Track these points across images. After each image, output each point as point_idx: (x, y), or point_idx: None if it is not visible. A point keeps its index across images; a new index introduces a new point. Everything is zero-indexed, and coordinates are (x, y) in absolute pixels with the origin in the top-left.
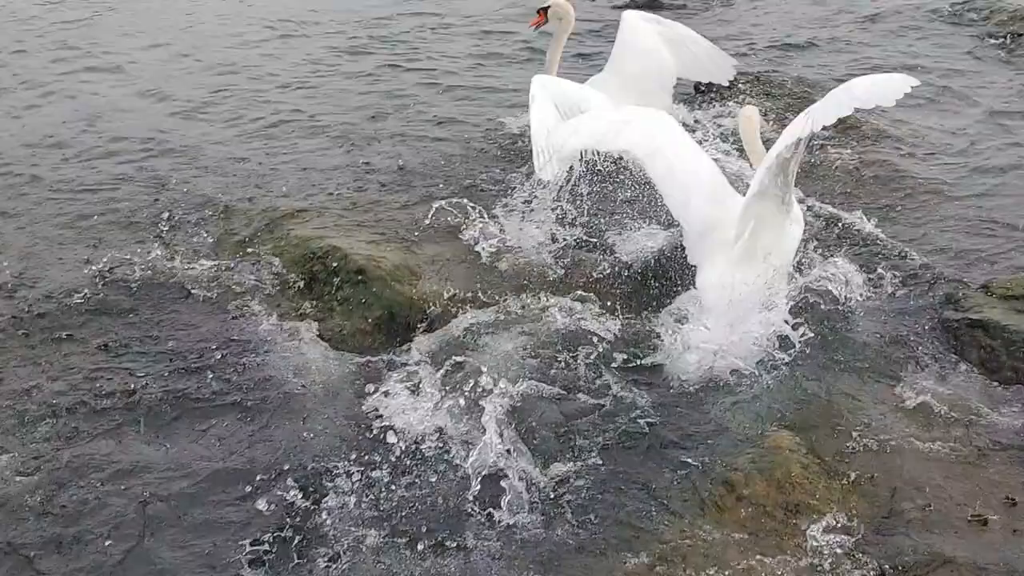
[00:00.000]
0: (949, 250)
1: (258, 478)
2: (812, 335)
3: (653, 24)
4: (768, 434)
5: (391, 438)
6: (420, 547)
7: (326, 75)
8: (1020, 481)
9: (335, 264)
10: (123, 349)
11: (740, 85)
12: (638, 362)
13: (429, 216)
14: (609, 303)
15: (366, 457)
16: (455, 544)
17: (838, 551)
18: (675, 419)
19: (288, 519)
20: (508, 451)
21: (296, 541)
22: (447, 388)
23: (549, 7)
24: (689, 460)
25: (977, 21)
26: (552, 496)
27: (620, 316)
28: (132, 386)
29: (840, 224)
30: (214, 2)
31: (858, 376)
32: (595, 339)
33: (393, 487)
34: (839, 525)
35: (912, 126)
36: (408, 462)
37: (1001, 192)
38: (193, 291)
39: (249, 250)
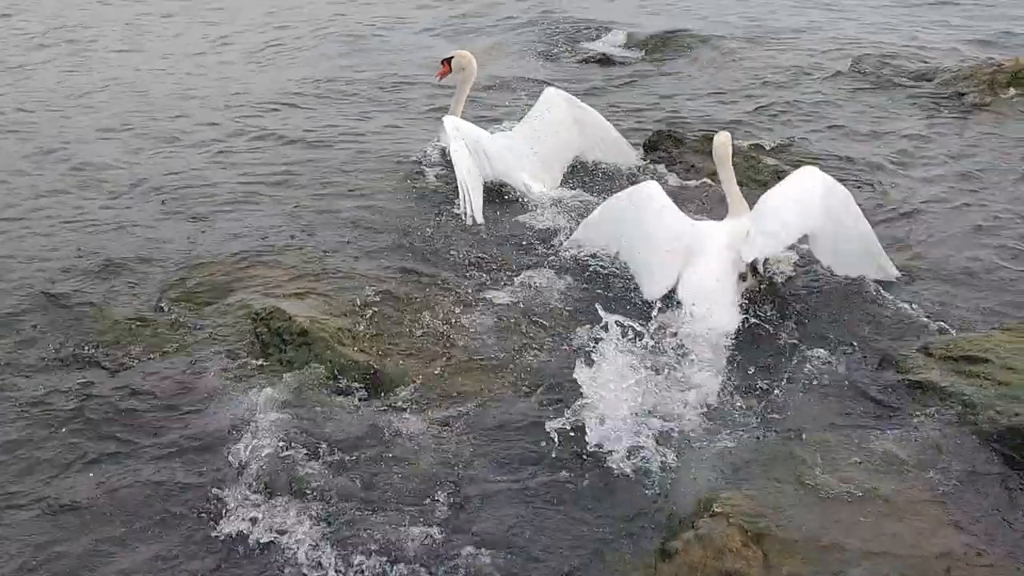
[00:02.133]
0: (890, 311)
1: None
2: (755, 398)
3: (569, 105)
4: (708, 498)
5: (330, 499)
6: None
7: (267, 134)
8: (963, 547)
9: (279, 326)
10: (55, 411)
11: (689, 143)
12: (581, 423)
13: (371, 276)
14: (555, 359)
15: (303, 522)
16: None
17: None
18: (617, 483)
19: None
20: (448, 516)
21: None
22: (387, 451)
23: (452, 58)
24: (628, 526)
25: (922, 82)
26: (487, 561)
27: (565, 371)
28: (62, 447)
29: (788, 282)
30: (160, 61)
31: (800, 438)
32: (536, 397)
33: (330, 549)
34: None
35: (862, 188)
36: (345, 525)
37: (945, 253)
38: (133, 352)
39: (190, 311)
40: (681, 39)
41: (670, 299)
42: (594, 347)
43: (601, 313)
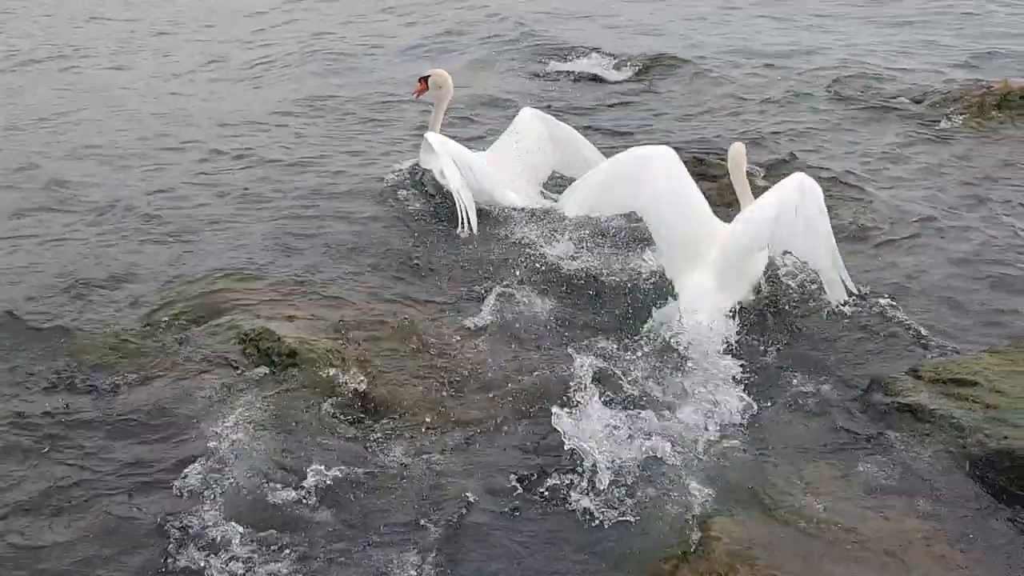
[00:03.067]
0: (879, 333)
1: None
2: (744, 421)
3: (544, 124)
4: (699, 519)
5: (316, 528)
6: None
7: (252, 154)
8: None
9: (268, 346)
10: (32, 435)
11: None
12: (572, 450)
13: (358, 297)
14: (546, 382)
15: (286, 551)
16: None
17: None
18: (608, 509)
19: None
20: (436, 546)
21: None
22: (375, 477)
23: (430, 76)
24: (619, 551)
25: (911, 104)
26: None
27: (556, 395)
28: (47, 462)
29: (777, 306)
30: (149, 80)
31: (789, 463)
32: (527, 422)
33: None
34: None
35: (853, 209)
36: (331, 555)
37: (934, 275)
38: (118, 374)
39: (178, 332)
40: (668, 61)
41: (660, 305)
42: (584, 371)
43: (586, 342)
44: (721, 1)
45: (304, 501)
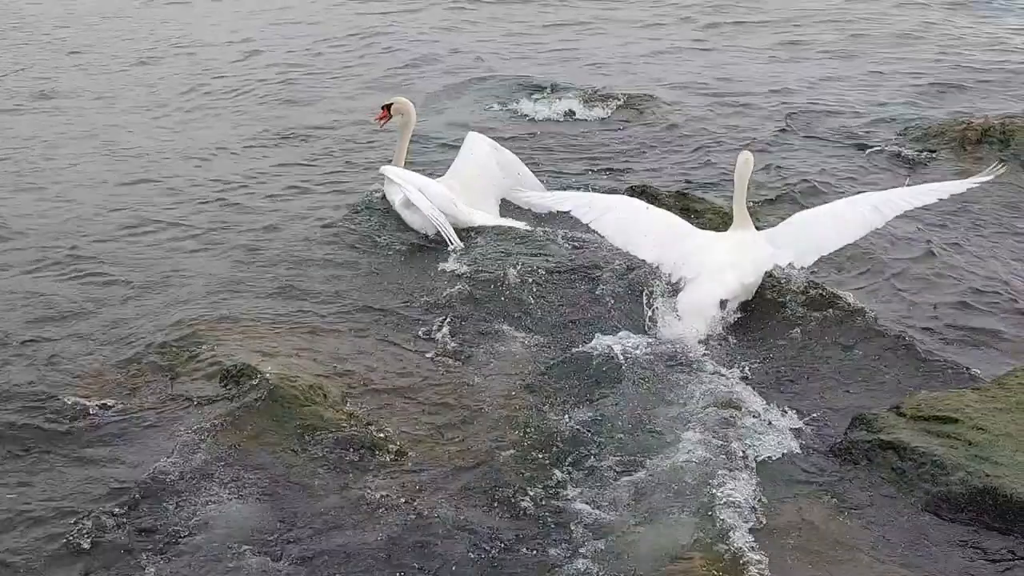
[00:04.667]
0: (861, 370)
1: None
2: (725, 456)
3: (490, 146)
4: (678, 556)
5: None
6: None
7: (233, 186)
8: None
9: (248, 383)
10: (25, 468)
11: (663, 199)
12: (556, 486)
13: (340, 331)
14: (531, 415)
15: None
16: None
17: None
18: (593, 543)
19: None
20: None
21: None
22: (355, 516)
23: (392, 104)
24: None
25: (892, 138)
26: None
27: (541, 430)
28: (27, 511)
29: (760, 338)
30: (129, 116)
31: (770, 499)
32: (513, 459)
33: None
34: None
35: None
36: None
37: (918, 312)
38: (98, 409)
39: (159, 367)
40: (641, 97)
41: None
42: (570, 401)
43: (570, 367)
44: (695, 34)
45: (281, 539)
